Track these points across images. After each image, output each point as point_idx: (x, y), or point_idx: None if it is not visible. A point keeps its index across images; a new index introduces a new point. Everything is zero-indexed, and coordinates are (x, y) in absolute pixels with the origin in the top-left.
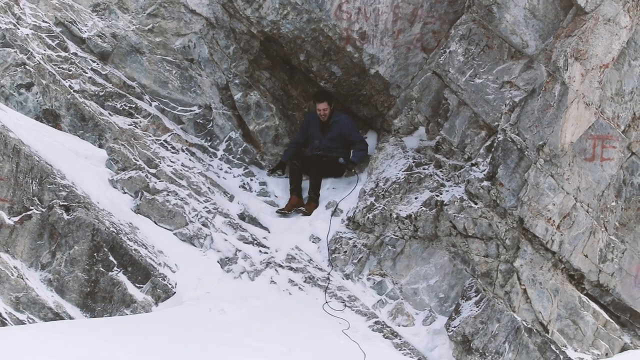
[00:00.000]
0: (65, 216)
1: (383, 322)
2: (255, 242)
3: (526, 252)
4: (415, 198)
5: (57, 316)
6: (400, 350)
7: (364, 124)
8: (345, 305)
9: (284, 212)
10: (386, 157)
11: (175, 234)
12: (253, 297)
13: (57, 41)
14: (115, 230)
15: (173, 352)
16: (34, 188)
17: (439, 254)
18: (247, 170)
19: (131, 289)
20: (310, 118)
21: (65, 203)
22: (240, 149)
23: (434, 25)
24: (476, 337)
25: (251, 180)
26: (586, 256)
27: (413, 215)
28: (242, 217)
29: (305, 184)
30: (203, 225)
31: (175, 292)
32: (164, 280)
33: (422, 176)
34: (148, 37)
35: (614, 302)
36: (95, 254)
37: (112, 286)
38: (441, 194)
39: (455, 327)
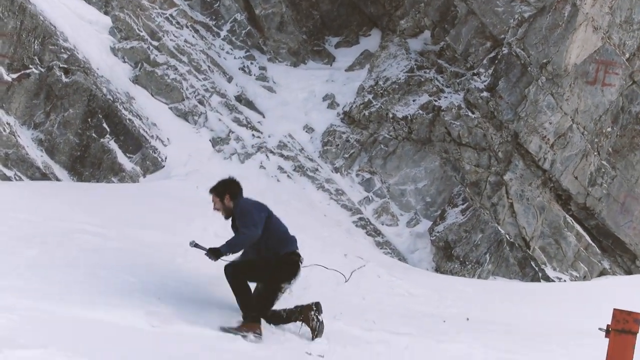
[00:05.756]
0: (63, 78)
1: (367, 219)
2: (249, 125)
3: (517, 167)
4: (414, 100)
5: (45, 176)
6: (381, 248)
7: (369, 21)
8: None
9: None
10: (388, 56)
11: (170, 108)
12: (241, 179)
13: None
14: (111, 98)
15: (157, 224)
16: (35, 47)
17: (430, 158)
18: (248, 54)
19: (121, 157)
20: None
21: (65, 66)
22: (244, 31)
23: None
24: (458, 244)
25: (251, 63)
26: (576, 178)
27: (409, 117)
28: (238, 99)
29: None
30: (199, 102)
31: (164, 166)
32: (155, 152)
33: (422, 79)
34: None
35: (598, 226)
36: (89, 119)
37: (103, 153)
38: (439, 99)
39: (438, 232)
